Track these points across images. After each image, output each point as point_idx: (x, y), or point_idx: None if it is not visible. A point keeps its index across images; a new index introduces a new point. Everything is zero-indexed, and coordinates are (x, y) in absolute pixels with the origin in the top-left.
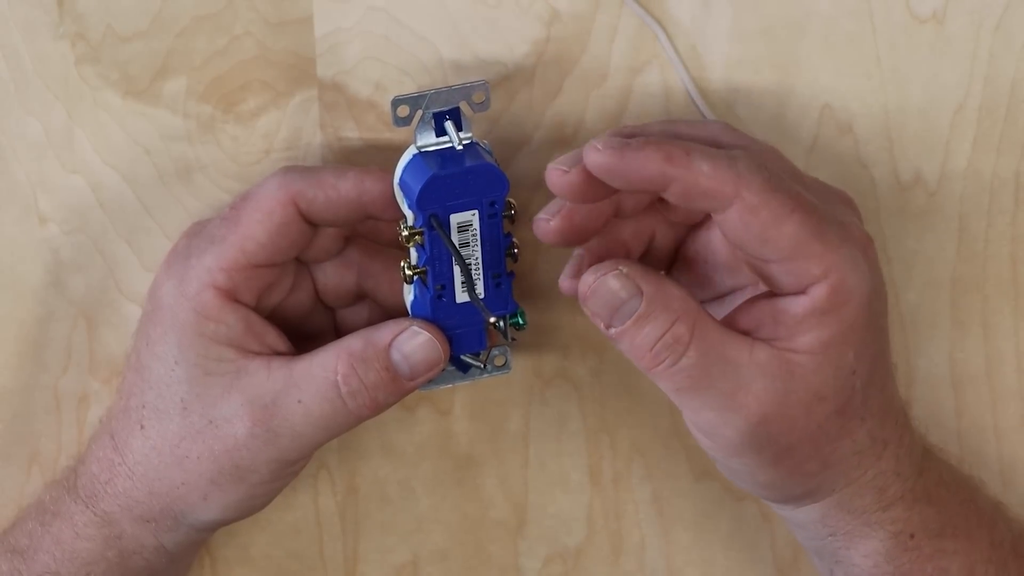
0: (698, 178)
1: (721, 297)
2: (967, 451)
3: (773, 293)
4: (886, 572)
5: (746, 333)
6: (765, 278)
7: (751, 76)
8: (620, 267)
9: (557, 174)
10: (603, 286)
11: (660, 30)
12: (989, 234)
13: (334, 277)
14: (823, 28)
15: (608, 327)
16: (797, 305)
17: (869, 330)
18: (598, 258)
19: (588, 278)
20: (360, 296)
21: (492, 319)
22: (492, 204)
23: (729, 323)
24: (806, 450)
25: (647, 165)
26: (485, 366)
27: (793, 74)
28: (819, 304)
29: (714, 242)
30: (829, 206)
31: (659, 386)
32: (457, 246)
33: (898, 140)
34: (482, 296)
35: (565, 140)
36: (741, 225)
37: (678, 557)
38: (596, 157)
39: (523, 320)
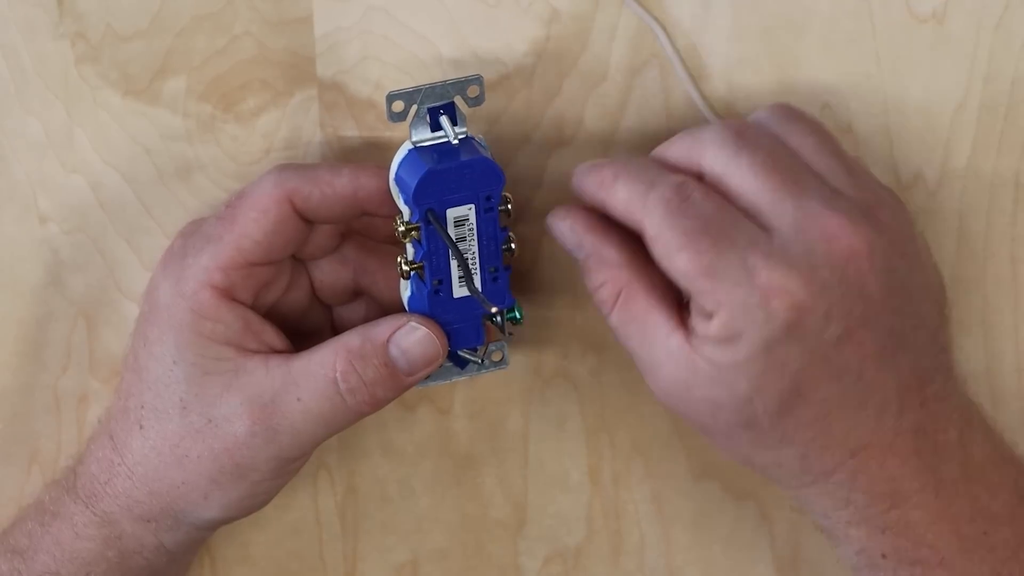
0: (616, 205)
1: None
2: None
3: None
4: None
5: (686, 314)
6: None
7: (751, 76)
8: (567, 219)
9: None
10: (555, 228)
11: (660, 30)
12: (989, 234)
13: (330, 274)
14: (823, 28)
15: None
16: (700, 324)
17: (772, 372)
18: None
19: (554, 214)
20: (357, 293)
21: (492, 309)
22: (488, 198)
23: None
24: (722, 444)
25: (586, 190)
26: (483, 361)
27: (793, 74)
28: (711, 333)
29: None
30: (846, 209)
31: None
32: (454, 240)
33: (898, 139)
34: (479, 290)
35: (564, 140)
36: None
37: (678, 557)
38: (574, 178)
39: (520, 315)
